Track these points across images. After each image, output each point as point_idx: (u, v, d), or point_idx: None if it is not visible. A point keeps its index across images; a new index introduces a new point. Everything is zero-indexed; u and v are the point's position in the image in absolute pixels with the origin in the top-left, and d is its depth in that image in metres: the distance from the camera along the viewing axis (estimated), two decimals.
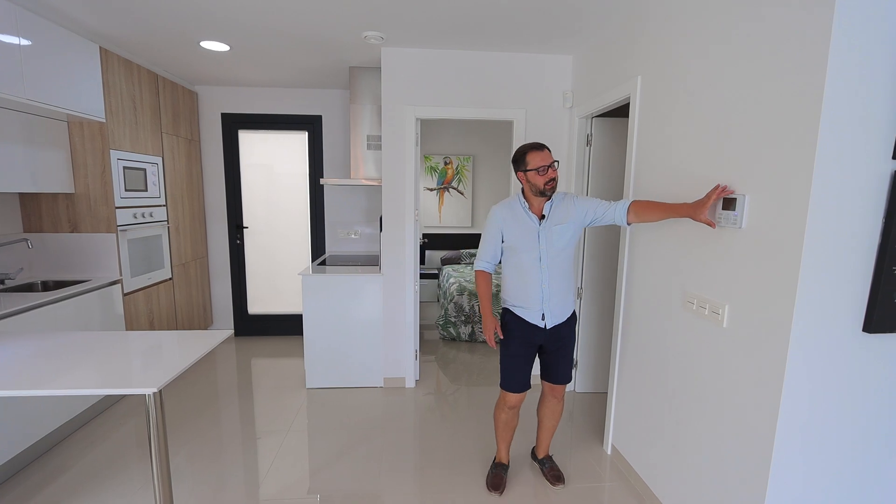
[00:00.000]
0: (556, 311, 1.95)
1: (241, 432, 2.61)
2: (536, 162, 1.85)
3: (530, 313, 1.95)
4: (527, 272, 1.93)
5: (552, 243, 1.91)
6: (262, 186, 4.13)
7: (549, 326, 1.95)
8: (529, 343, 1.99)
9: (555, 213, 1.93)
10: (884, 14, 1.17)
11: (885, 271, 1.28)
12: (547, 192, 1.88)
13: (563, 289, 1.95)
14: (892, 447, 1.41)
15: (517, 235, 1.93)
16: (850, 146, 1.23)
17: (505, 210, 1.97)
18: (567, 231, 1.92)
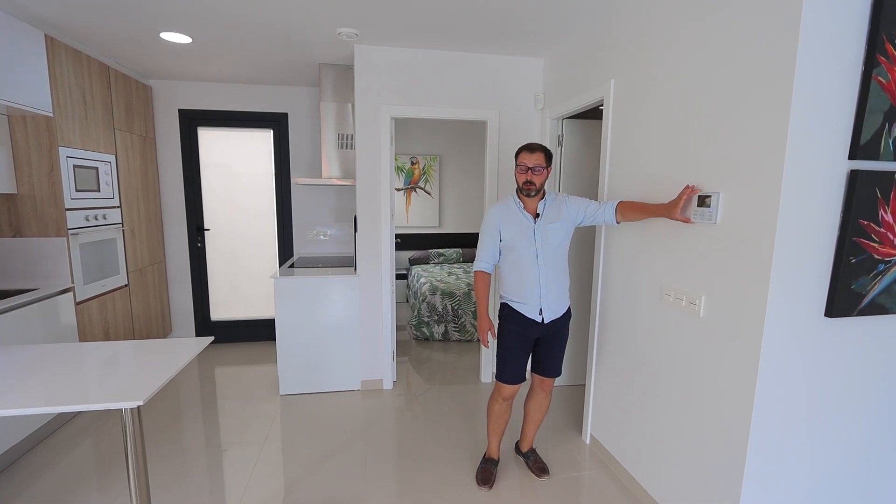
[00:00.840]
0: (554, 307, 2.00)
1: (215, 446, 2.48)
2: (521, 160, 1.94)
3: (528, 308, 2.00)
4: (524, 269, 1.97)
5: (547, 241, 1.96)
6: (225, 186, 3.94)
7: (546, 321, 2.00)
8: (526, 337, 2.03)
9: (548, 212, 1.99)
10: (842, 29, 1.29)
11: (843, 262, 1.41)
12: (523, 190, 1.95)
13: (559, 285, 2.01)
14: (851, 417, 1.55)
15: (514, 234, 1.98)
16: (814, 147, 1.34)
17: (501, 210, 2.02)
18: (561, 229, 1.98)
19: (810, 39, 1.28)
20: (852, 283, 1.42)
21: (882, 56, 1.30)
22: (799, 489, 1.56)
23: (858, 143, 1.35)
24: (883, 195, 1.39)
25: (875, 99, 1.33)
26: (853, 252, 1.40)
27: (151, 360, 1.57)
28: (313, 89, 3.85)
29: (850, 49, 1.31)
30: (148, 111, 3.52)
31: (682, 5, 1.74)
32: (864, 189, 1.37)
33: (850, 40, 1.31)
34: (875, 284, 1.44)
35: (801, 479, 1.55)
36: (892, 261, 1.45)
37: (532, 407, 2.24)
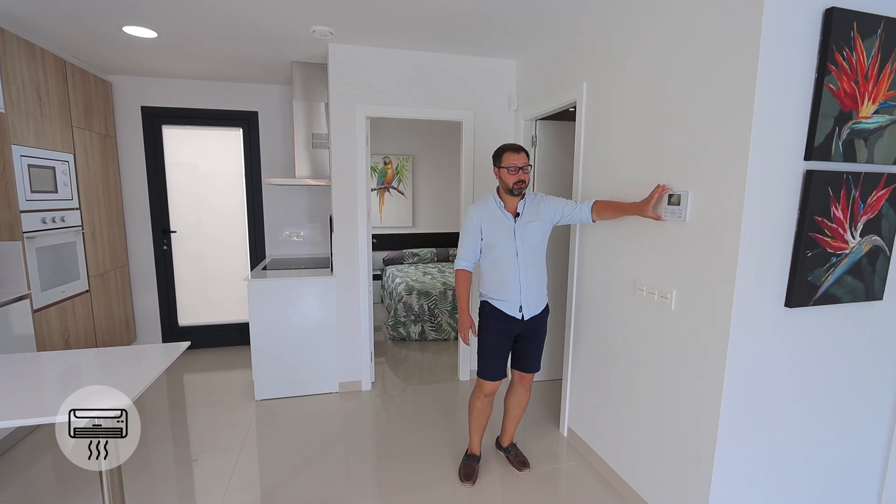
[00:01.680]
0: (533, 304, 2.05)
1: (185, 456, 2.40)
2: (509, 161, 1.96)
3: (509, 306, 2.03)
4: (505, 267, 2.01)
5: (527, 240, 2.01)
6: (192, 187, 3.81)
7: (526, 318, 2.04)
8: (507, 334, 2.07)
9: (528, 211, 2.03)
10: (798, 40, 1.39)
11: (800, 255, 1.51)
12: (515, 190, 1.98)
13: (538, 282, 2.06)
14: (809, 397, 1.67)
15: (495, 233, 2.01)
16: (774, 149, 1.44)
17: (482, 209, 2.05)
18: (540, 228, 2.03)
19: (769, 49, 1.37)
20: (809, 275, 1.53)
21: (832, 65, 1.41)
22: (764, 465, 1.66)
23: (813, 145, 1.45)
24: (834, 193, 1.50)
25: (826, 104, 1.43)
26: (809, 246, 1.51)
27: (123, 368, 1.51)
28: (285, 87, 3.77)
29: (805, 58, 1.41)
30: (108, 108, 3.36)
31: (651, 15, 1.82)
32: (818, 188, 1.48)
33: (804, 50, 1.41)
34: (828, 276, 1.56)
35: (765, 455, 1.66)
36: (843, 254, 1.57)
37: (512, 402, 2.28)
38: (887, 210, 1.60)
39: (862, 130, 1.50)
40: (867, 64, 1.45)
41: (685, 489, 1.72)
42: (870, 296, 1.65)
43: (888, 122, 1.53)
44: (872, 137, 1.52)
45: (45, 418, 1.21)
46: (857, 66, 1.44)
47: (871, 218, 1.58)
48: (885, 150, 1.55)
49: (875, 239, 1.61)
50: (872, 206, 1.57)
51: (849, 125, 1.48)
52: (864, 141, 1.51)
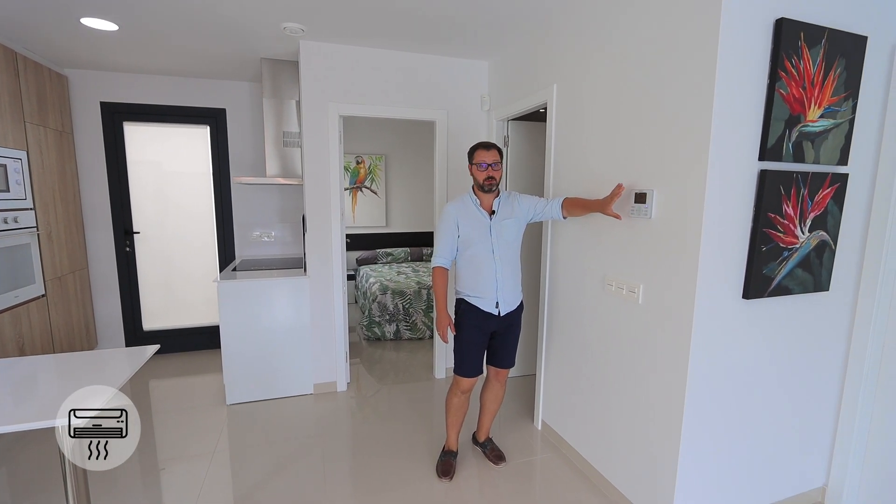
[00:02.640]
0: (509, 300, 2.09)
1: (151, 466, 2.31)
2: (479, 158, 2.02)
3: (485, 302, 2.07)
4: (481, 264, 2.04)
5: (502, 237, 2.05)
6: (156, 186, 3.67)
7: (502, 314, 2.08)
8: (483, 331, 2.10)
9: (503, 208, 2.08)
10: (751, 48, 1.49)
11: (756, 250, 1.61)
12: (485, 187, 2.03)
13: (513, 278, 2.10)
14: (764, 381, 1.78)
15: (471, 230, 2.04)
16: (731, 150, 1.53)
17: (458, 207, 2.08)
18: (515, 225, 2.08)
19: (726, 56, 1.46)
20: (764, 268, 1.63)
21: (783, 72, 1.51)
22: (727, 441, 1.76)
23: (766, 146, 1.55)
24: (785, 191, 1.61)
25: (778, 108, 1.54)
26: (763, 241, 1.61)
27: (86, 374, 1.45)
28: (254, 84, 3.69)
29: (758, 65, 1.51)
30: (64, 104, 3.20)
31: (617, 22, 1.89)
32: (771, 186, 1.58)
33: (757, 58, 1.50)
34: (781, 269, 1.67)
35: (728, 432, 1.76)
36: (794, 248, 1.68)
37: (488, 398, 2.32)
38: (832, 207, 1.73)
39: (809, 133, 1.61)
40: (813, 71, 1.56)
41: (654, 472, 1.80)
42: (818, 287, 1.77)
43: (832, 126, 1.65)
44: (818, 140, 1.64)
45: (21, 425, 1.16)
46: (805, 72, 1.55)
47: (818, 215, 1.70)
48: (830, 151, 1.67)
49: (822, 234, 1.73)
50: (819, 204, 1.69)
51: (797, 128, 1.58)
52: (811, 143, 1.62)
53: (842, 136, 1.68)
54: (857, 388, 1.89)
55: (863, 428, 1.91)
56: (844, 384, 1.93)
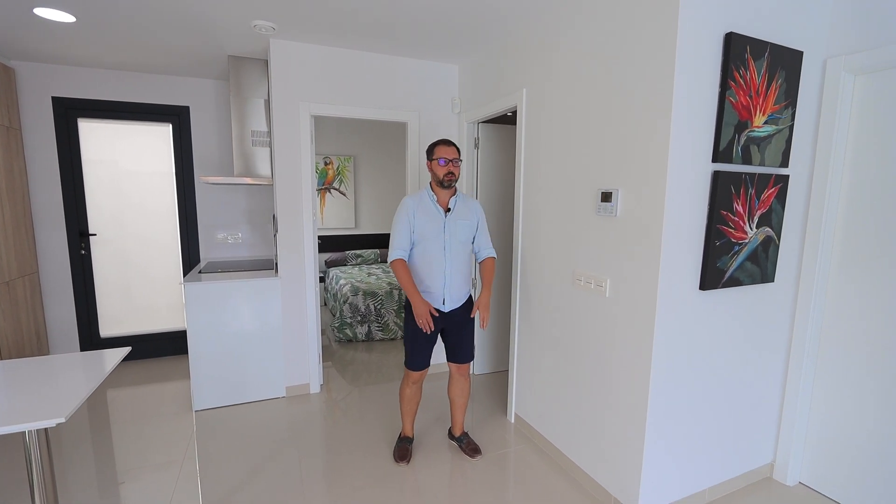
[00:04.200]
0: (456, 296, 2.17)
1: (109, 479, 2.20)
2: (439, 154, 2.09)
3: (432, 297, 2.14)
4: (432, 260, 2.11)
5: (455, 235, 2.12)
6: (114, 186, 3.51)
7: (448, 310, 2.16)
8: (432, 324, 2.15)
9: (459, 208, 2.16)
10: (705, 59, 1.62)
11: (711, 245, 1.75)
12: (445, 182, 2.09)
13: (462, 276, 2.18)
14: (720, 365, 1.93)
15: (426, 225, 2.10)
16: (688, 152, 1.66)
17: (415, 201, 2.13)
18: (468, 228, 2.16)
19: (683, 66, 1.58)
20: (717, 261, 1.77)
21: (732, 81, 1.65)
22: (687, 420, 1.89)
23: (718, 149, 1.69)
24: (735, 191, 1.76)
25: (728, 114, 1.68)
26: (717, 237, 1.75)
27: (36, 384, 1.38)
28: (219, 82, 3.60)
29: (710, 75, 1.64)
30: (11, 97, 3.02)
31: (584, 31, 2.00)
32: (723, 186, 1.72)
33: (710, 68, 1.64)
34: (732, 262, 1.82)
35: (688, 412, 1.89)
36: (744, 243, 1.83)
37: (456, 393, 2.38)
38: (776, 205, 1.89)
39: (755, 137, 1.77)
40: (758, 81, 1.72)
41: (622, 455, 1.90)
42: (765, 278, 1.94)
43: (775, 131, 1.82)
44: (763, 144, 1.80)
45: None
46: (751, 82, 1.70)
47: (764, 212, 1.87)
48: (773, 154, 1.84)
49: (767, 230, 1.89)
50: (765, 202, 1.85)
51: (745, 133, 1.73)
52: (757, 147, 1.78)
53: (783, 140, 1.85)
54: (799, 370, 2.07)
55: (805, 406, 2.09)
56: (788, 366, 2.12)
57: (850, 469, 1.97)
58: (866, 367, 1.90)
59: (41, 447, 1.27)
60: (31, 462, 1.26)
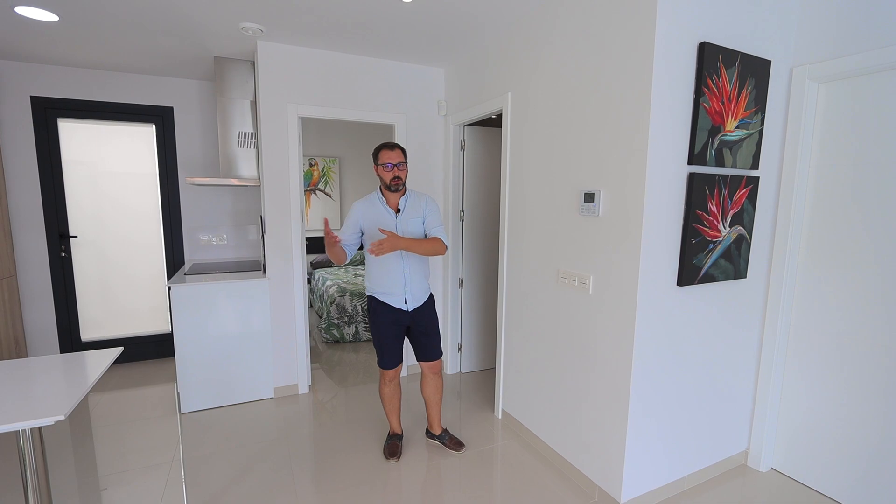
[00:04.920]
0: (417, 295, 2.22)
1: (91, 485, 2.19)
2: (384, 159, 2.12)
3: (394, 298, 2.19)
4: (389, 261, 2.16)
5: (408, 234, 2.17)
6: (96, 188, 3.46)
7: (411, 308, 2.21)
8: (397, 324, 2.22)
9: (410, 208, 2.20)
10: (680, 68, 1.71)
11: (687, 243, 1.84)
12: (392, 186, 2.14)
13: (420, 274, 2.23)
14: (696, 357, 2.02)
15: (375, 227, 2.13)
16: (666, 155, 1.75)
17: (364, 205, 2.18)
18: (418, 224, 2.21)
19: (661, 74, 1.67)
20: (694, 259, 1.87)
21: (706, 88, 1.75)
22: (666, 408, 1.98)
23: (693, 152, 1.78)
24: (710, 192, 1.85)
25: (702, 119, 1.77)
26: (693, 235, 1.84)
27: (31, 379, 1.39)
28: (203, 83, 3.58)
29: (686, 82, 1.74)
30: None
31: (568, 39, 2.08)
32: (698, 187, 1.81)
33: (685, 75, 1.73)
34: (708, 259, 1.91)
35: (666, 401, 1.98)
36: (718, 241, 1.93)
37: (429, 391, 2.40)
38: (747, 205, 2.00)
39: (727, 141, 1.87)
40: (730, 88, 1.82)
41: (605, 446, 1.98)
42: (737, 275, 2.04)
43: (745, 136, 1.92)
44: (735, 147, 1.90)
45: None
46: (723, 89, 1.80)
47: (737, 212, 1.97)
48: (744, 157, 1.94)
49: (740, 229, 2.00)
50: (737, 202, 1.96)
51: (718, 137, 1.83)
52: (729, 150, 1.88)
53: (753, 144, 1.96)
54: (770, 361, 2.19)
55: (776, 396, 2.21)
56: (761, 358, 2.23)
57: (819, 454, 2.09)
58: (833, 358, 2.02)
59: (35, 447, 1.27)
60: (24, 462, 1.26)
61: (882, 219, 1.83)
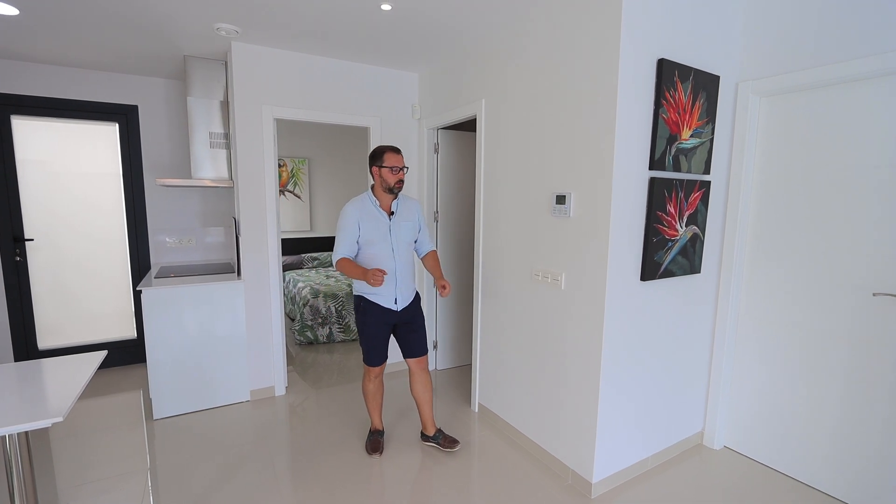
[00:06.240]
0: (406, 294, 2.30)
1: (70, 496, 2.14)
2: (391, 162, 2.18)
3: (384, 299, 2.25)
4: (382, 262, 2.21)
5: (401, 237, 2.24)
6: (54, 189, 3.30)
7: (400, 308, 2.28)
8: (385, 323, 2.28)
9: (402, 210, 2.27)
10: (642, 81, 1.87)
11: (649, 241, 2.01)
12: (395, 189, 2.21)
13: (409, 276, 2.32)
14: (657, 345, 2.21)
15: (372, 229, 2.19)
16: (630, 161, 1.91)
17: (359, 207, 2.22)
18: (412, 229, 2.30)
19: (625, 87, 1.83)
20: (655, 255, 2.04)
21: (664, 100, 1.92)
22: (631, 393, 2.15)
23: (654, 158, 1.95)
24: (668, 194, 2.03)
25: (661, 128, 1.95)
26: (654, 234, 2.02)
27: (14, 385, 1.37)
28: (170, 81, 3.50)
29: (647, 95, 1.90)
30: None
31: (537, 55, 2.21)
32: (658, 190, 1.99)
33: (646, 88, 1.90)
34: (667, 256, 2.10)
35: (631, 386, 2.14)
36: (675, 239, 2.12)
37: (419, 389, 2.44)
38: (701, 207, 2.20)
39: (683, 148, 2.06)
40: (685, 100, 2.00)
41: (577, 432, 2.13)
42: (693, 270, 2.24)
43: (698, 144, 2.12)
44: (689, 154, 2.09)
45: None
46: (679, 101, 1.98)
47: (692, 213, 2.17)
48: (698, 163, 2.14)
49: (694, 228, 2.20)
50: (692, 204, 2.15)
51: (675, 144, 2.02)
52: (685, 156, 2.07)
53: (705, 151, 2.16)
54: (722, 348, 2.41)
55: (728, 379, 2.43)
56: (714, 345, 2.45)
57: (765, 432, 2.32)
58: (776, 342, 2.25)
59: (21, 452, 1.26)
60: (10, 467, 1.24)
61: (814, 218, 2.06)
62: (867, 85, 1.86)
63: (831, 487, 2.08)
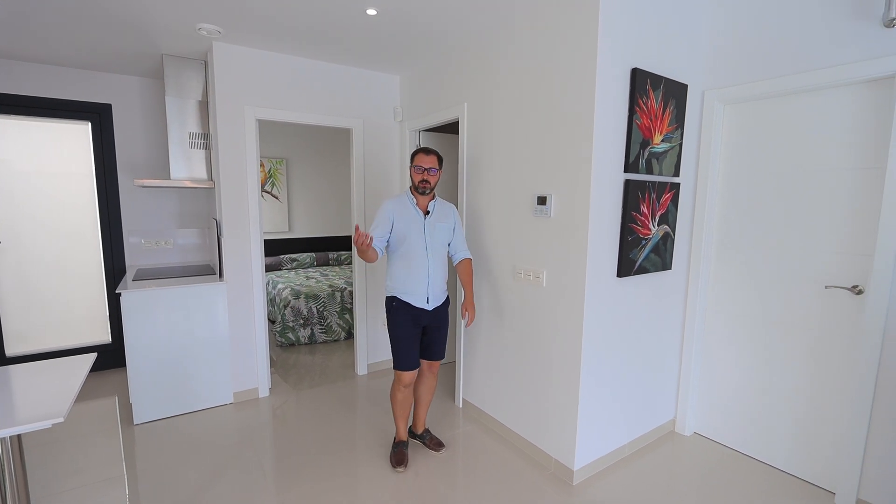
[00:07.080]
0: (437, 294, 2.31)
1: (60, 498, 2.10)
2: (417, 161, 2.22)
3: (417, 298, 2.25)
4: (415, 260, 2.23)
5: (435, 237, 2.27)
6: (21, 189, 3.19)
7: (432, 308, 2.29)
8: (416, 325, 2.28)
9: (438, 212, 2.30)
10: (617, 89, 1.99)
11: (624, 240, 2.13)
12: (419, 188, 2.24)
13: (442, 276, 2.34)
14: (633, 337, 2.33)
15: (407, 226, 2.22)
16: (606, 164, 2.02)
17: (396, 203, 2.25)
18: (446, 230, 2.32)
19: (602, 95, 1.94)
20: (630, 253, 2.16)
21: (637, 107, 2.04)
22: (609, 384, 2.26)
23: (629, 161, 2.07)
24: (642, 195, 2.16)
25: (635, 134, 2.07)
26: (629, 233, 2.14)
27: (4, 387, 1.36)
28: (146, 80, 3.43)
29: (621, 102, 2.02)
30: None
31: (518, 61, 2.30)
32: (632, 192, 2.11)
33: (621, 96, 2.01)
34: (641, 254, 2.22)
35: (609, 378, 2.26)
36: (648, 238, 2.25)
37: (422, 391, 2.48)
38: (671, 207, 2.34)
39: (655, 152, 2.19)
40: (656, 107, 2.13)
41: (559, 422, 2.23)
42: (664, 266, 2.38)
43: (669, 148, 2.25)
44: (661, 157, 2.22)
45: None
46: (651, 108, 2.11)
47: (663, 213, 2.30)
48: (668, 166, 2.28)
49: (666, 227, 2.33)
50: (663, 205, 2.29)
51: (648, 149, 2.14)
52: (656, 160, 2.20)
53: (675, 155, 2.30)
54: (691, 339, 2.56)
55: (696, 369, 2.59)
56: (684, 336, 2.60)
57: (733, 417, 2.48)
58: (741, 333, 2.41)
59: (14, 454, 1.26)
60: (3, 469, 1.24)
61: (772, 217, 2.23)
62: (813, 96, 2.03)
63: (796, 468, 2.25)
